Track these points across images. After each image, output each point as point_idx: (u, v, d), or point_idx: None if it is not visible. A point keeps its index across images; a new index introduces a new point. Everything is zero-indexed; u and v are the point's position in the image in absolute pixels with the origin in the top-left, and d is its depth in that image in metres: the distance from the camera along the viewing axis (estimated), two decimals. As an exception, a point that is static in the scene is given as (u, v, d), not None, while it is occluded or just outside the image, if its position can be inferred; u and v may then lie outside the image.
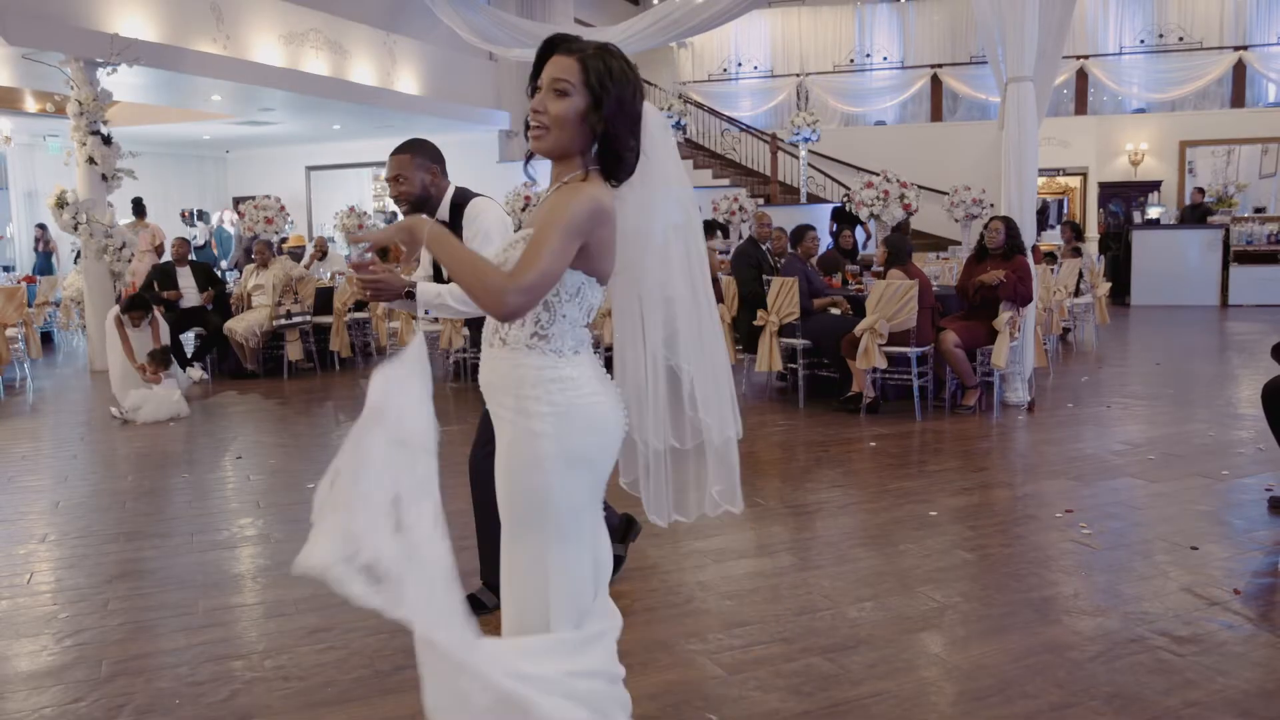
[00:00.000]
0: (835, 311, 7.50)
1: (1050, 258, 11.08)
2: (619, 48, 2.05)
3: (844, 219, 11.81)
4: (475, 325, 3.30)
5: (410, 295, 2.78)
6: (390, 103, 13.45)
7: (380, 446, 1.91)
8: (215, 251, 15.37)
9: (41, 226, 14.14)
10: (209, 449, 6.50)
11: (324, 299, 9.80)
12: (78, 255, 13.68)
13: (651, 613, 3.52)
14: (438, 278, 3.34)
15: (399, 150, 3.33)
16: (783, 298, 7.24)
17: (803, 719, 2.75)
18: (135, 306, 7.80)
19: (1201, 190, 15.25)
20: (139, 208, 12.37)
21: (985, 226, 7.10)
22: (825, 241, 10.89)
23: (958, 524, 4.48)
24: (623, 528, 3.80)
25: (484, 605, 3.34)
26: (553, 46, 2.01)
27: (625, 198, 2.04)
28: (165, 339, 8.00)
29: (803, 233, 7.73)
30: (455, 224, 3.30)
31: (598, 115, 1.95)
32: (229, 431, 7.00)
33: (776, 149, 16.21)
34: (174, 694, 2.97)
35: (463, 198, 3.36)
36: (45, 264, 14.17)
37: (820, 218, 13.23)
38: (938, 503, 4.81)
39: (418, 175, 3.31)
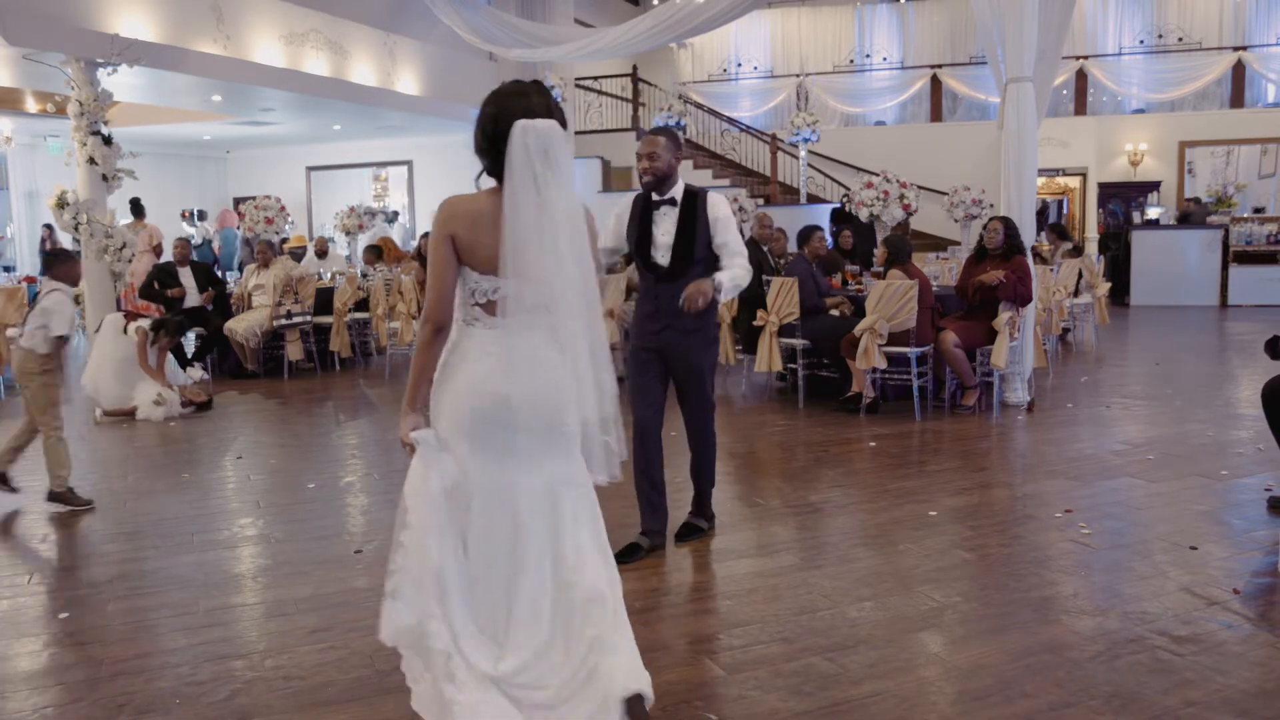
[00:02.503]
0: (835, 313, 7.51)
1: (1040, 259, 11.09)
2: (501, 90, 2.59)
3: (844, 219, 11.81)
4: None
5: (718, 288, 3.83)
6: (390, 103, 13.44)
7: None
8: (218, 253, 15.38)
9: (48, 227, 14.13)
10: (209, 449, 6.50)
11: (324, 299, 9.81)
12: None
13: (651, 613, 3.53)
14: (680, 253, 4.00)
15: (655, 132, 4.03)
16: (783, 298, 7.24)
17: (803, 719, 2.75)
18: (166, 331, 7.87)
19: (1196, 200, 15.27)
20: (137, 208, 12.36)
21: (985, 227, 7.10)
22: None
23: (957, 524, 4.48)
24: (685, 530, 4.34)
25: (640, 547, 4.07)
26: None
27: (520, 200, 2.47)
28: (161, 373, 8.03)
29: (810, 233, 7.73)
30: (691, 204, 3.98)
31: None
32: (229, 431, 7.00)
33: (776, 149, 16.21)
34: (174, 694, 2.97)
35: (696, 189, 4.07)
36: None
37: (820, 218, 13.22)
38: (938, 503, 4.81)
39: (667, 156, 3.95)
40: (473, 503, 2.57)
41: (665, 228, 4.00)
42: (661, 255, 4.01)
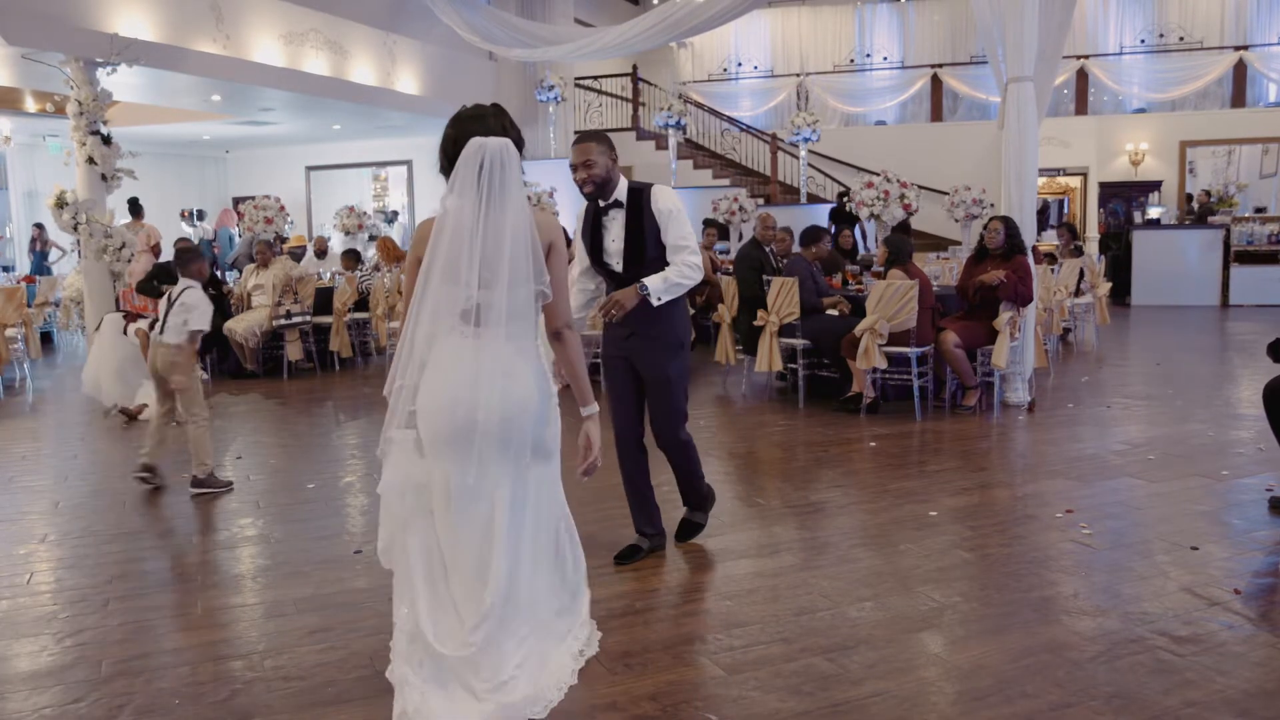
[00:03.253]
0: (833, 313, 7.50)
1: (1050, 258, 11.09)
2: (461, 114, 2.81)
3: (842, 218, 11.79)
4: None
5: (644, 295, 3.71)
6: (390, 103, 13.45)
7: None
8: (216, 253, 15.38)
9: (39, 226, 14.14)
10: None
11: (324, 299, 9.80)
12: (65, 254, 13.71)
13: (651, 613, 3.52)
14: (631, 256, 3.86)
15: (586, 138, 3.80)
16: (783, 298, 7.24)
17: (803, 719, 2.75)
18: (146, 293, 7.76)
19: (1206, 193, 15.26)
20: (136, 208, 12.36)
21: (985, 227, 7.10)
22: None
23: (957, 524, 4.48)
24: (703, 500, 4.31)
25: (639, 549, 4.07)
26: None
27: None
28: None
29: (818, 234, 7.72)
30: (636, 202, 3.82)
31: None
32: (229, 431, 7.00)
33: (776, 149, 16.21)
34: (174, 694, 2.97)
35: (640, 185, 3.88)
36: (40, 264, 14.17)
37: (820, 218, 13.22)
38: (938, 503, 4.81)
39: (603, 160, 3.77)
40: (450, 502, 2.74)
41: (615, 233, 3.86)
42: (615, 261, 3.87)
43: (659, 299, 3.75)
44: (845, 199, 13.23)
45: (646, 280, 3.73)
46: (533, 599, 2.82)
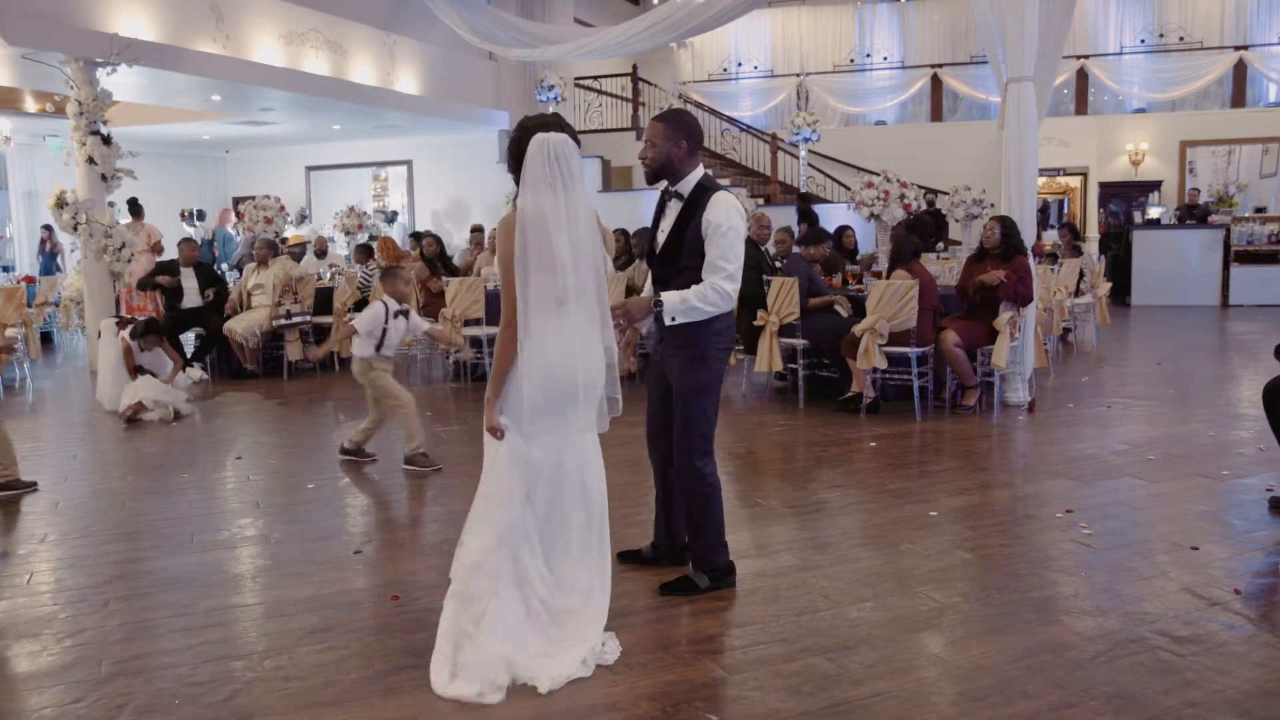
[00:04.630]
0: (842, 313, 7.46)
1: (1051, 257, 11.09)
2: (525, 121, 3.13)
3: (810, 216, 11.57)
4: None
5: (658, 309, 3.47)
6: (390, 103, 13.44)
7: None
8: (216, 253, 15.38)
9: (47, 228, 14.14)
10: (209, 449, 6.50)
11: (324, 299, 9.80)
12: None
13: (652, 613, 3.52)
14: (667, 255, 3.59)
15: (656, 118, 3.59)
16: (783, 298, 7.24)
17: (803, 719, 2.75)
18: (149, 331, 7.80)
19: (1196, 190, 15.26)
20: (135, 208, 12.36)
21: (985, 227, 7.10)
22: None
23: (958, 524, 4.48)
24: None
25: (696, 586, 3.68)
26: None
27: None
28: (176, 356, 8.05)
29: (820, 235, 7.71)
30: (694, 201, 3.51)
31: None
32: (229, 431, 7.00)
33: (776, 149, 16.21)
34: (174, 694, 2.97)
35: (710, 185, 3.56)
36: (49, 265, 14.17)
37: (821, 218, 13.20)
38: (938, 503, 4.81)
39: (665, 145, 3.51)
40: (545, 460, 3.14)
41: (666, 224, 3.59)
42: (659, 253, 3.63)
43: (673, 318, 3.45)
44: (807, 199, 13.25)
45: (665, 295, 3.44)
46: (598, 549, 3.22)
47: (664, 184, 3.63)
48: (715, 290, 3.41)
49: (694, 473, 3.59)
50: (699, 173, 3.57)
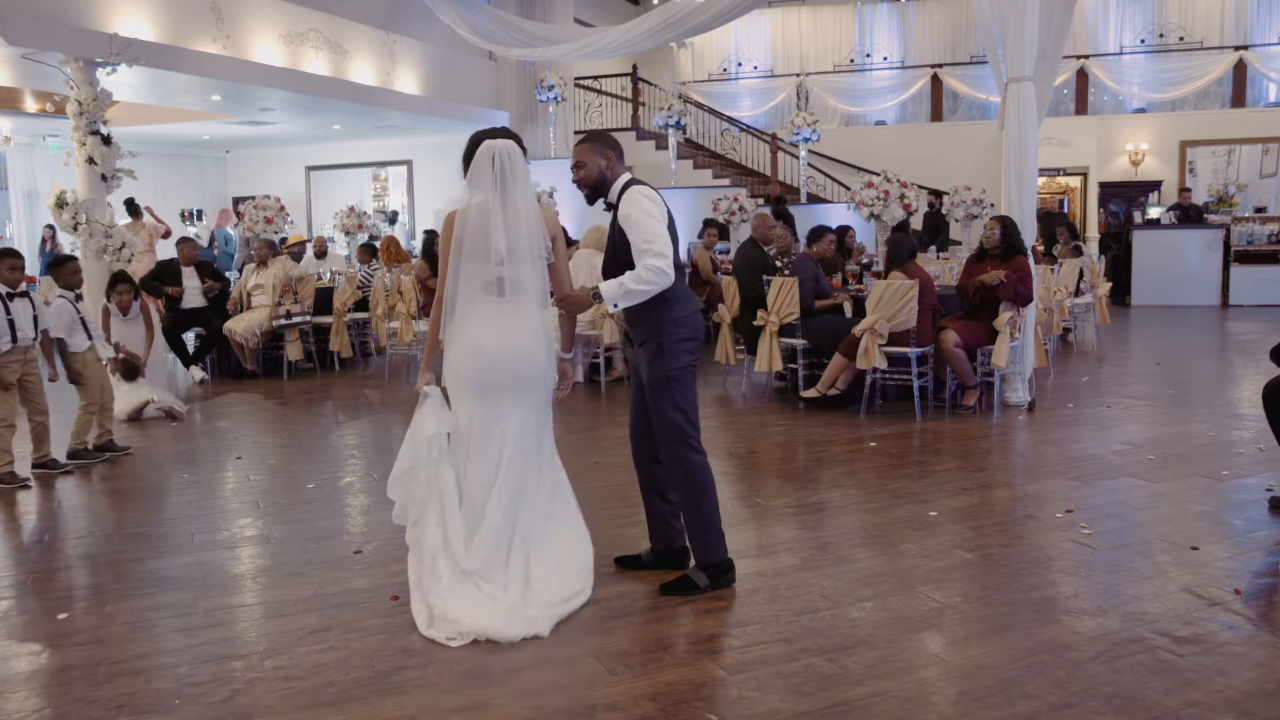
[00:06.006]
0: (848, 311, 7.44)
1: (1049, 257, 11.09)
2: (477, 133, 3.54)
3: (780, 216, 11.49)
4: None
5: (598, 298, 3.56)
6: (390, 103, 13.44)
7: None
8: (216, 253, 15.38)
9: (50, 228, 14.14)
10: (209, 449, 6.50)
11: (324, 299, 9.80)
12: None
13: (652, 613, 3.52)
14: (609, 260, 3.76)
15: (580, 140, 3.83)
16: (783, 298, 7.24)
17: (803, 719, 2.75)
18: (121, 280, 7.50)
19: (1188, 190, 15.25)
20: (133, 208, 12.35)
21: (985, 227, 7.10)
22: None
23: (958, 524, 4.48)
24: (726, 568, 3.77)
25: (695, 585, 3.71)
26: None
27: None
28: (159, 335, 7.96)
29: (821, 233, 7.71)
30: (617, 208, 3.70)
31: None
32: (229, 431, 7.00)
33: (776, 149, 16.21)
34: (174, 694, 2.97)
35: (629, 183, 3.71)
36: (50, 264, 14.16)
37: (822, 218, 13.20)
38: (938, 503, 4.81)
39: (593, 161, 3.70)
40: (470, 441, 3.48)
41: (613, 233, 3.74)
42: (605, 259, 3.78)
43: (615, 305, 3.54)
44: (781, 201, 13.25)
45: (602, 284, 3.53)
46: (532, 515, 3.51)
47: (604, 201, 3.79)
48: (647, 269, 3.49)
49: (674, 463, 3.67)
50: (623, 179, 3.72)
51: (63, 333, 6.02)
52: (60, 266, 6.24)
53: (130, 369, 7.32)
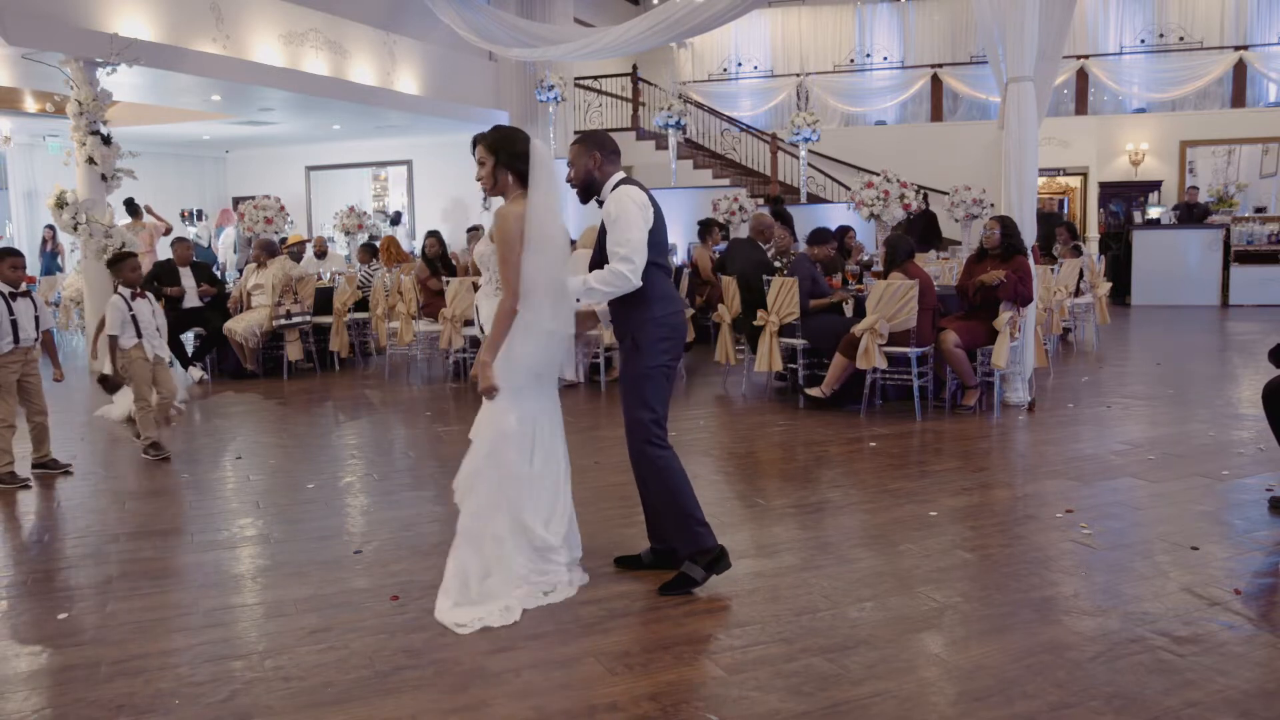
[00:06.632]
0: (848, 311, 7.43)
1: (1050, 258, 11.09)
2: (504, 129, 3.64)
3: (784, 217, 11.50)
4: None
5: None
6: (390, 103, 13.44)
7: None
8: (218, 255, 15.39)
9: (51, 228, 14.15)
10: (209, 449, 6.50)
11: (324, 299, 9.80)
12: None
13: (651, 613, 3.52)
14: (596, 258, 3.75)
15: (575, 140, 3.82)
16: (783, 298, 7.23)
17: (803, 719, 2.75)
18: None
19: (1195, 188, 15.26)
20: (132, 208, 12.35)
21: (985, 227, 7.10)
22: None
23: (958, 524, 4.48)
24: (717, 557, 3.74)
25: (693, 580, 3.70)
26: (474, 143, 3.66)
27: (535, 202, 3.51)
28: (163, 326, 7.91)
29: (825, 236, 7.71)
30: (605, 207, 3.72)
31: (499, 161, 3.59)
32: (229, 431, 7.00)
33: (776, 149, 16.21)
34: (174, 694, 2.97)
35: (621, 181, 3.71)
36: (50, 265, 14.18)
37: (822, 218, 13.21)
38: (938, 503, 4.81)
39: (582, 161, 3.71)
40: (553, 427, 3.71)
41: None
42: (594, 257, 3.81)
43: (577, 300, 3.65)
44: (779, 201, 13.24)
45: (570, 279, 3.61)
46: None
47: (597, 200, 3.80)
48: (611, 272, 3.55)
49: (641, 460, 3.69)
50: (616, 178, 3.71)
51: (115, 329, 6.01)
52: (120, 263, 6.17)
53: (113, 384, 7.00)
